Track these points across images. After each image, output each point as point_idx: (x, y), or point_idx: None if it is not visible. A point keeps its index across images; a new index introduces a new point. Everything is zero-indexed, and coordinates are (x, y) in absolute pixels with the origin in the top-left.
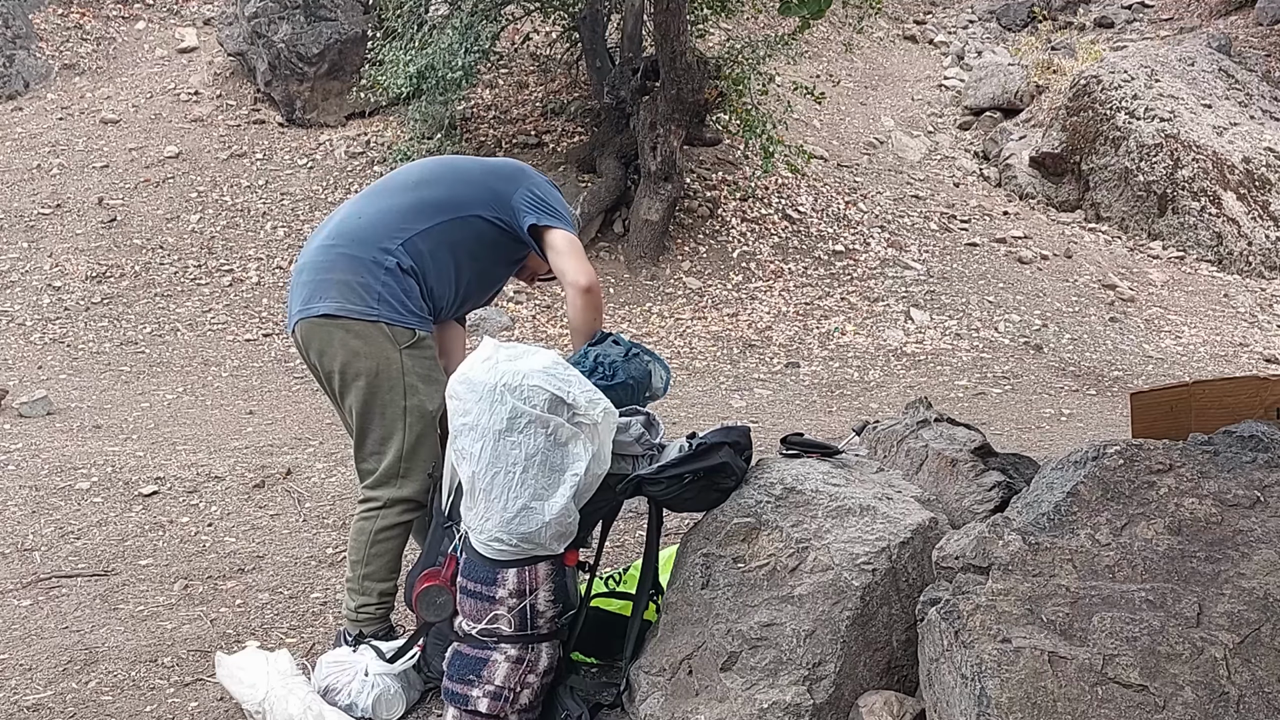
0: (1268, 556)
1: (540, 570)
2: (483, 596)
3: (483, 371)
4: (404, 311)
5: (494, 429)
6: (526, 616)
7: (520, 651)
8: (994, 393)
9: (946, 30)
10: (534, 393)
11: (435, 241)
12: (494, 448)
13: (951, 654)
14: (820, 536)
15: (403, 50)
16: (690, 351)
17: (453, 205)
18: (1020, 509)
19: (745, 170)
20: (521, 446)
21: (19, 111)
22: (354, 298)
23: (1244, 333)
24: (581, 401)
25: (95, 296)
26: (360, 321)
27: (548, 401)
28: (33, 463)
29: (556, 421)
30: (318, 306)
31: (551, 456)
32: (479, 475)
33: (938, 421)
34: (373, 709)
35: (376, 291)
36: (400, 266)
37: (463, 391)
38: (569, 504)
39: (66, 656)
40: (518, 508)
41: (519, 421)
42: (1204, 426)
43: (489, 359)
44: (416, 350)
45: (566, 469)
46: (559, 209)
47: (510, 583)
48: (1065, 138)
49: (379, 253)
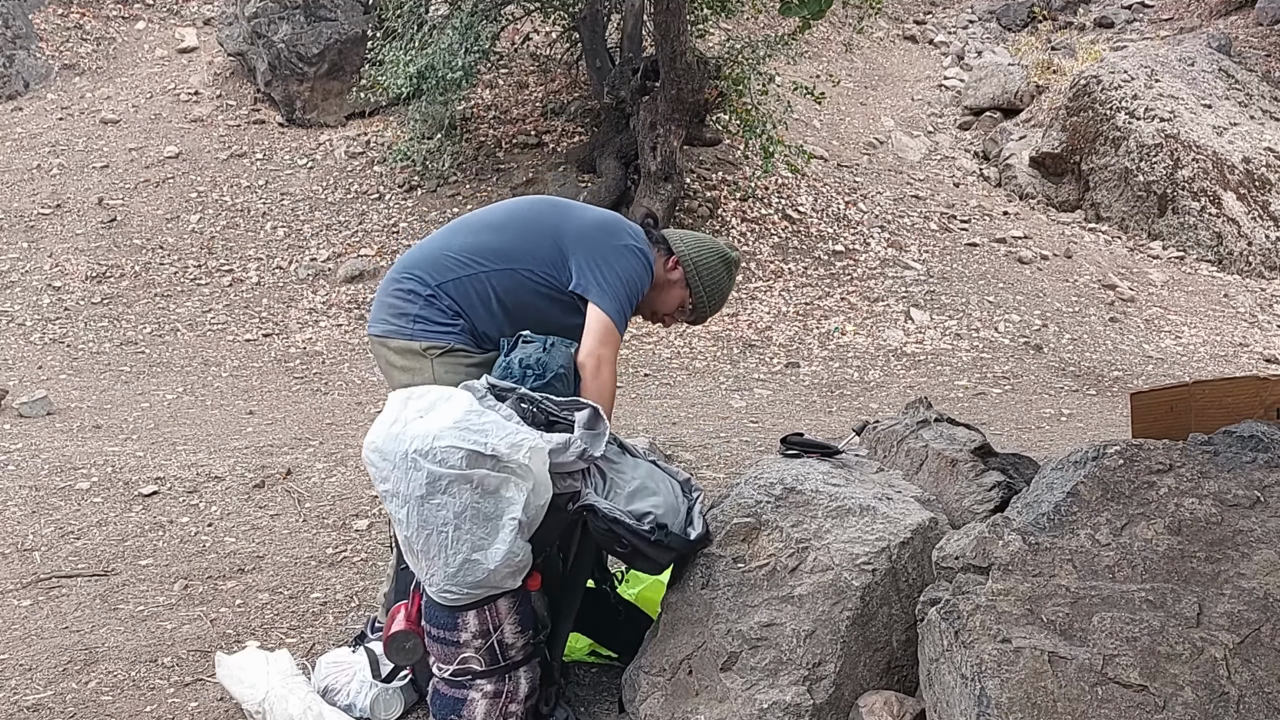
0: (1268, 556)
1: (501, 606)
2: (447, 641)
3: (390, 440)
4: (438, 328)
5: (415, 495)
6: (495, 651)
7: (497, 685)
8: (994, 393)
9: (946, 30)
10: (448, 453)
11: (485, 287)
12: (419, 512)
13: (951, 654)
14: (820, 536)
15: (403, 50)
16: (690, 351)
17: (500, 255)
18: (1020, 509)
19: (745, 170)
20: (448, 506)
21: (19, 111)
22: (394, 318)
23: (1244, 333)
24: (503, 450)
25: (95, 296)
26: (398, 339)
27: (465, 458)
28: (33, 463)
29: (480, 474)
30: (372, 328)
31: (483, 506)
32: (412, 539)
33: (938, 421)
34: (371, 709)
35: (411, 314)
36: (436, 299)
37: (376, 460)
38: (513, 546)
39: (66, 656)
40: (458, 563)
41: (440, 484)
42: (1204, 426)
43: (396, 420)
44: (448, 359)
45: (503, 514)
46: (615, 283)
47: (472, 625)
48: (1065, 138)
49: (417, 284)
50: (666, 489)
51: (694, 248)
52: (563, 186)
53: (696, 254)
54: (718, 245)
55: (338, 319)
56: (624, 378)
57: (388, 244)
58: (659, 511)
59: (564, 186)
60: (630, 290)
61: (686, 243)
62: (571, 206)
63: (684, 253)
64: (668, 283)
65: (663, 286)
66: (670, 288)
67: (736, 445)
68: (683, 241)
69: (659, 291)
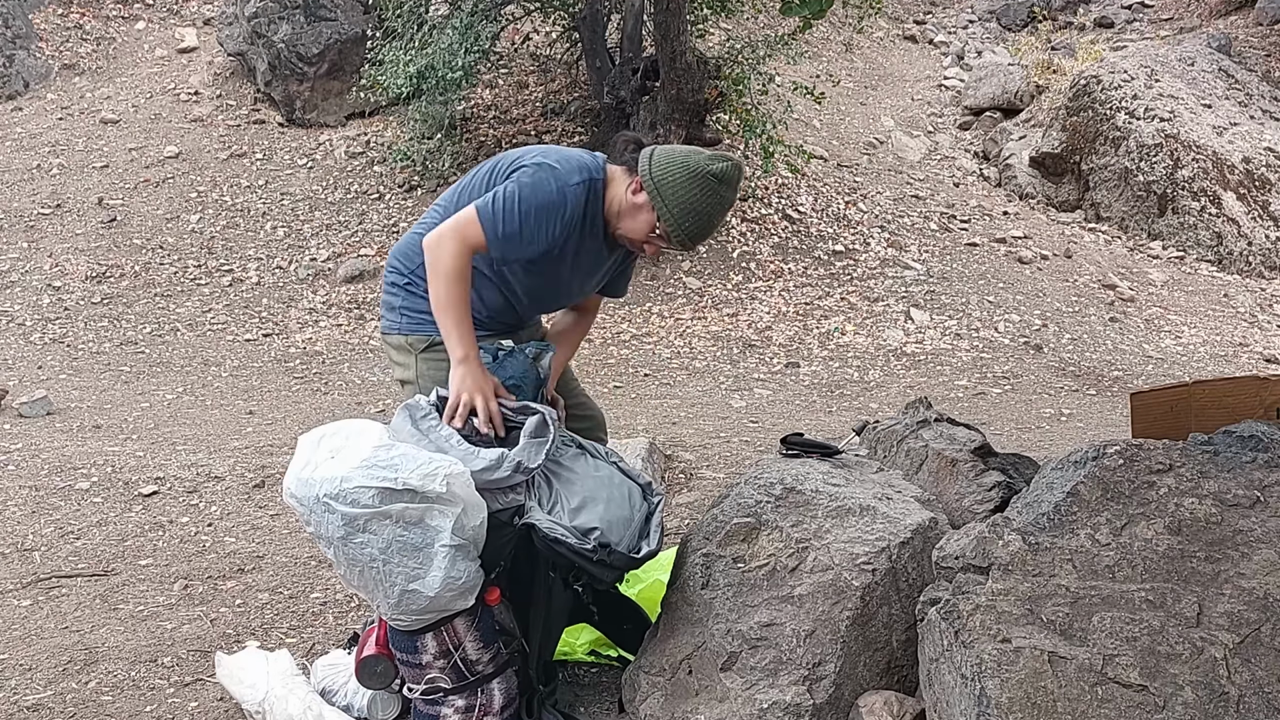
0: (1268, 556)
1: (458, 625)
2: (411, 664)
3: (302, 486)
4: (420, 321)
5: (335, 537)
6: (461, 669)
7: (469, 699)
8: (994, 393)
9: (946, 30)
10: (359, 493)
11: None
12: (344, 552)
13: (951, 654)
14: (820, 536)
15: (403, 50)
16: (690, 351)
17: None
18: (1020, 509)
19: (745, 170)
20: (371, 544)
21: (19, 111)
22: (386, 313)
23: (1244, 333)
24: (415, 481)
25: (95, 296)
26: (391, 334)
27: (378, 495)
28: (33, 463)
29: (399, 508)
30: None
31: (409, 538)
32: (346, 578)
33: (938, 421)
34: (368, 710)
35: (396, 306)
36: (413, 285)
37: (294, 504)
38: (452, 571)
39: (66, 656)
40: (397, 594)
41: (357, 523)
42: (1204, 426)
43: (307, 464)
44: (431, 354)
45: (433, 543)
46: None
47: (431, 648)
48: (1065, 138)
49: (394, 274)
50: (620, 498)
51: (660, 163)
52: None
53: (662, 170)
54: (694, 157)
55: (338, 319)
56: (624, 377)
57: (388, 244)
58: (602, 527)
59: None
60: (512, 203)
61: (655, 160)
62: (530, 148)
63: (645, 170)
64: (633, 207)
65: (627, 211)
66: (636, 212)
67: (736, 445)
68: (649, 158)
69: (625, 217)
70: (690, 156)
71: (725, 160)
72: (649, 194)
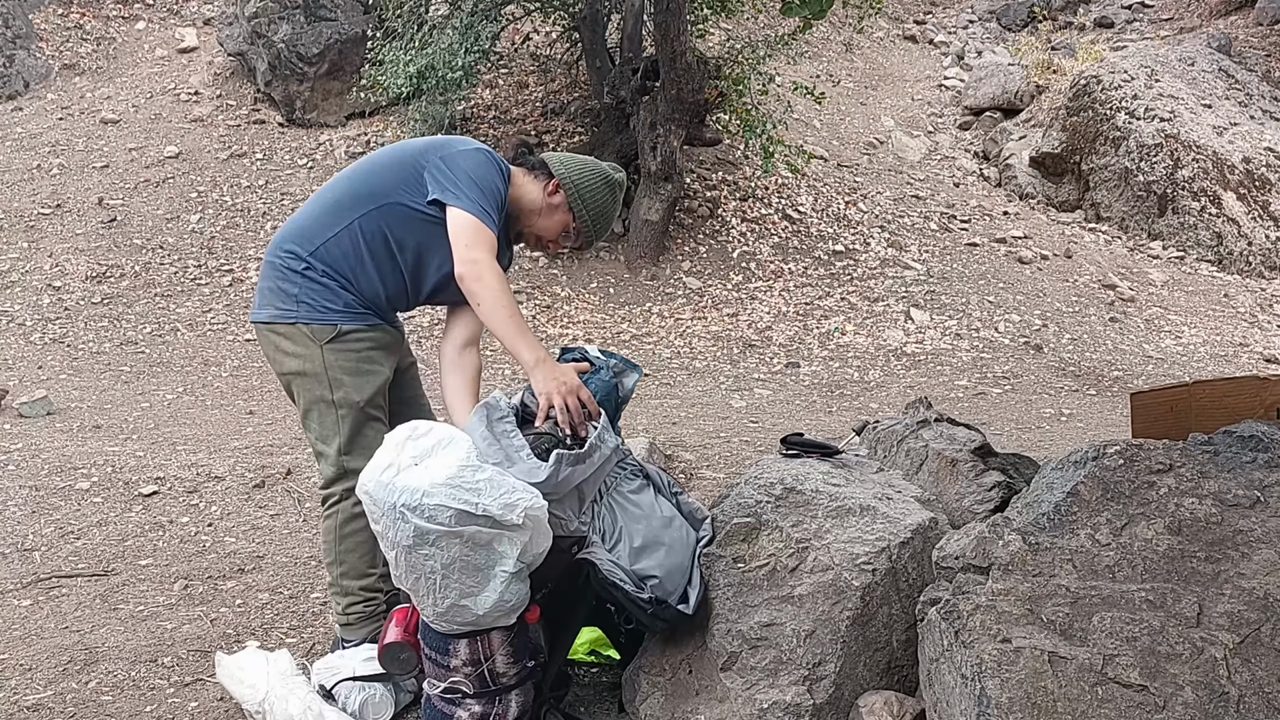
0: (1268, 556)
1: (494, 637)
2: (439, 664)
3: (381, 488)
4: (323, 309)
5: (402, 544)
6: (486, 679)
7: (485, 706)
8: (994, 393)
9: (946, 30)
10: (438, 511)
11: (357, 238)
12: (407, 559)
13: (951, 654)
14: (820, 536)
15: (403, 50)
16: (690, 351)
17: (370, 196)
18: (1020, 509)
19: (745, 170)
20: (435, 558)
21: (19, 111)
22: (277, 302)
23: (1244, 333)
24: (495, 510)
25: (95, 296)
26: (284, 324)
27: (455, 516)
28: (33, 463)
29: (471, 530)
30: (255, 314)
31: (474, 559)
32: (400, 578)
33: (938, 421)
34: (360, 712)
35: (293, 294)
36: (312, 270)
37: (367, 502)
38: (505, 594)
39: (66, 656)
40: (447, 605)
41: (428, 537)
42: (1204, 426)
43: (390, 466)
44: (339, 344)
45: (494, 565)
46: (463, 181)
47: (463, 653)
48: (1065, 138)
49: (290, 258)
50: (679, 545)
51: (575, 169)
52: None
53: (579, 176)
54: (600, 166)
55: None
56: None
57: None
58: (661, 575)
59: None
60: (484, 185)
61: (567, 165)
62: (417, 140)
63: (565, 175)
64: (549, 207)
65: (544, 211)
66: (553, 212)
67: (736, 445)
68: (563, 164)
69: (541, 217)
70: (597, 163)
71: (619, 170)
72: (568, 196)
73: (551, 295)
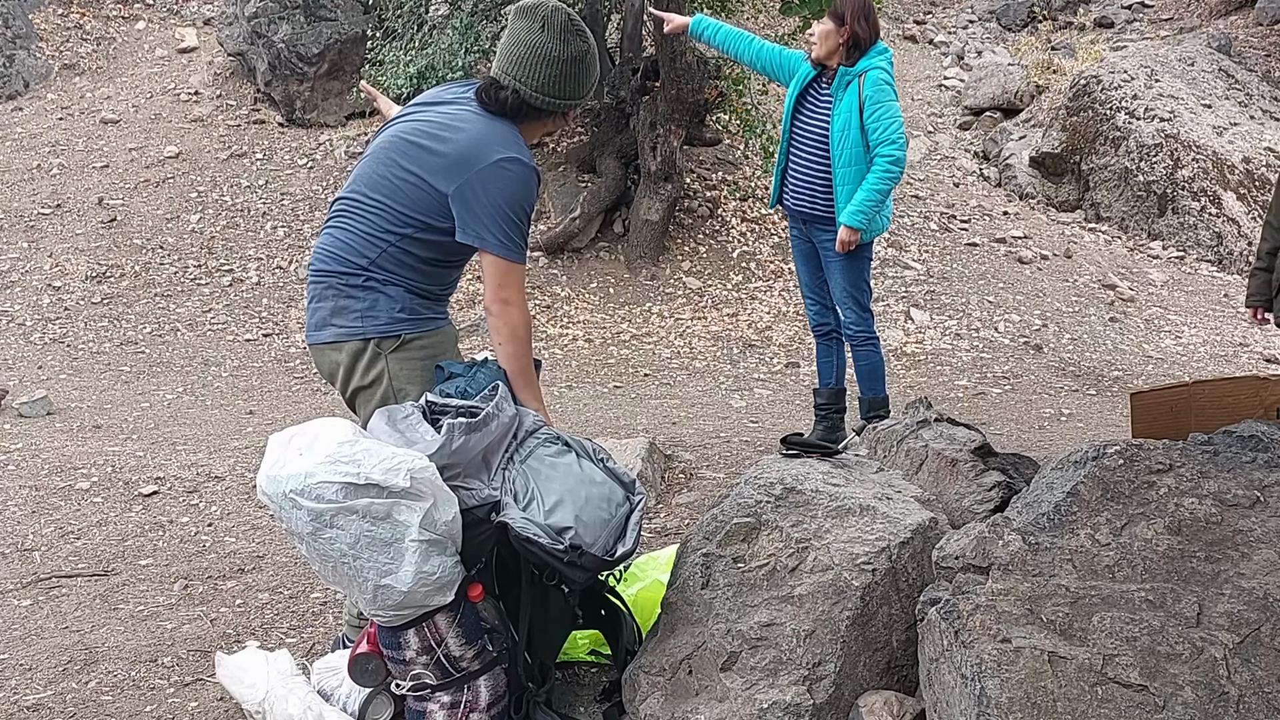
0: (1268, 556)
1: (440, 621)
2: (396, 660)
3: (270, 483)
4: (388, 320)
5: (304, 533)
6: (445, 665)
7: (454, 695)
8: (994, 393)
9: (946, 30)
10: (323, 489)
11: (406, 251)
12: (314, 548)
13: (951, 654)
14: (820, 536)
15: (403, 50)
16: (690, 351)
17: (405, 221)
18: (1020, 509)
19: (745, 170)
20: (339, 539)
21: (19, 111)
22: (337, 319)
23: (1244, 333)
24: (378, 475)
25: (95, 296)
26: (348, 341)
27: (342, 490)
28: (33, 463)
29: (364, 503)
30: (314, 335)
31: (377, 533)
32: (321, 573)
33: (938, 421)
34: (360, 714)
35: (359, 310)
36: (372, 280)
37: (266, 502)
38: (424, 566)
39: (66, 656)
40: (371, 589)
41: (324, 518)
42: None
43: (276, 462)
44: (403, 352)
45: (403, 538)
46: (489, 217)
47: (413, 644)
48: (1065, 138)
49: (348, 273)
50: (598, 497)
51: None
52: (563, 186)
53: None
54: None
55: None
56: (624, 377)
57: None
58: (578, 527)
59: (564, 186)
60: (515, 209)
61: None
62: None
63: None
64: (541, 129)
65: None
66: (544, 129)
67: (736, 445)
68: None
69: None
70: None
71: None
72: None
73: (551, 295)
